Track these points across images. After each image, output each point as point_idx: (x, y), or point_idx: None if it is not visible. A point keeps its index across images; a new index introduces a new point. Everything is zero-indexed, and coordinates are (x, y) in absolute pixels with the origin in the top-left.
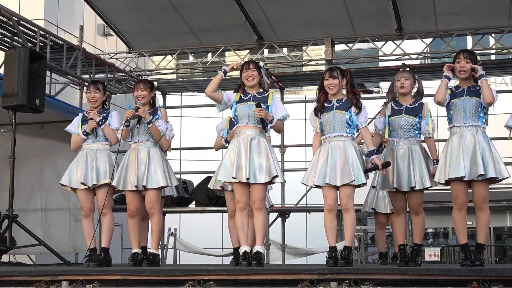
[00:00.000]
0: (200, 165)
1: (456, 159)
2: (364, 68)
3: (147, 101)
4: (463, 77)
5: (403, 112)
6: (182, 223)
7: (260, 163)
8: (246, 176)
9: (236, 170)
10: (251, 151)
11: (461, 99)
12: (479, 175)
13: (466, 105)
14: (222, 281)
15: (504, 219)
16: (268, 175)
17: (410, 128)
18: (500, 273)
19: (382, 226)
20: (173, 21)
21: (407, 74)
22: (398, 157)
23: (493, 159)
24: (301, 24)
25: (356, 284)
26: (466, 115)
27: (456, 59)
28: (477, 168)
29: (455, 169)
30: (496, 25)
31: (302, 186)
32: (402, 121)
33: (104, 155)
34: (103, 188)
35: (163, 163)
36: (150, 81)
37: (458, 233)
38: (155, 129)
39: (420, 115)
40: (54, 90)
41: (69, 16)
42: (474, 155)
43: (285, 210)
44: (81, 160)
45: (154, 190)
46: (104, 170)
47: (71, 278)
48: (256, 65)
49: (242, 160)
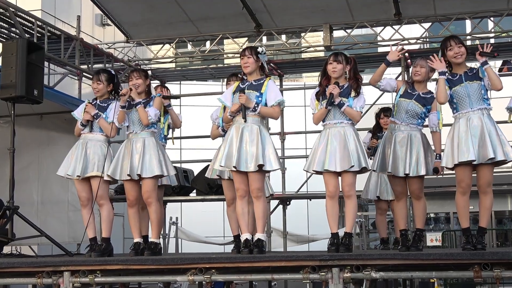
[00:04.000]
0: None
1: (465, 143)
2: (362, 54)
3: (142, 90)
4: (460, 61)
5: (414, 98)
6: (183, 212)
7: (252, 151)
8: (234, 164)
9: (226, 158)
10: (242, 139)
11: (462, 85)
12: (489, 158)
13: (469, 90)
14: (224, 269)
15: (506, 203)
16: (255, 163)
17: (414, 115)
18: (501, 256)
19: (383, 212)
20: (171, 10)
21: (424, 62)
22: (397, 143)
23: (501, 142)
24: (299, 10)
25: (358, 270)
26: (471, 100)
27: (447, 47)
28: (487, 151)
29: (465, 153)
30: (495, 8)
31: (302, 173)
32: (410, 106)
33: (96, 146)
34: (96, 179)
35: (159, 152)
36: (144, 70)
37: (460, 217)
38: (141, 111)
39: (429, 107)
40: (53, 81)
41: (67, 7)
42: (483, 138)
43: (286, 198)
44: (75, 150)
45: (149, 179)
46: (92, 162)
47: (73, 269)
48: (254, 51)
49: (233, 148)
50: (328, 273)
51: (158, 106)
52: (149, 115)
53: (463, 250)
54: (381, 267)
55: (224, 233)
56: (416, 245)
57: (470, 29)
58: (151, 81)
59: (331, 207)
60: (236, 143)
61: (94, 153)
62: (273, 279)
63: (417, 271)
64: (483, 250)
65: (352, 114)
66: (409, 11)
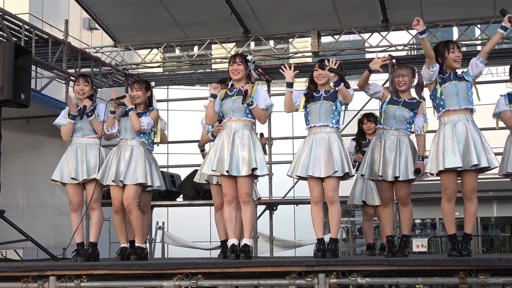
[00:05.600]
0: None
1: (451, 149)
2: (350, 60)
3: (141, 101)
4: (458, 66)
5: (401, 104)
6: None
7: (243, 156)
8: (226, 169)
9: (217, 163)
10: (234, 144)
11: (452, 83)
12: (472, 165)
13: (458, 88)
14: (210, 274)
15: (491, 210)
16: (249, 167)
17: (403, 120)
18: (486, 262)
19: (370, 218)
20: (159, 14)
21: (405, 71)
22: (386, 148)
23: (484, 149)
24: (287, 16)
25: (344, 276)
26: (459, 99)
27: (449, 49)
28: (471, 158)
29: (451, 159)
30: (481, 16)
31: (289, 179)
32: (397, 112)
33: (94, 150)
34: (93, 182)
35: (146, 162)
36: (146, 81)
37: (446, 224)
38: (134, 117)
39: (416, 111)
40: (40, 84)
41: (54, 10)
42: (467, 145)
43: (273, 203)
44: (71, 155)
45: (131, 186)
46: (94, 165)
47: (59, 273)
48: (243, 58)
49: (224, 153)
50: (314, 278)
51: (153, 117)
52: (142, 121)
53: (449, 256)
54: (367, 273)
55: (211, 238)
56: (402, 251)
57: (457, 36)
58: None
59: (316, 213)
60: (228, 147)
61: (95, 157)
62: (259, 284)
63: (403, 277)
64: (469, 257)
65: (345, 94)
66: (396, 18)
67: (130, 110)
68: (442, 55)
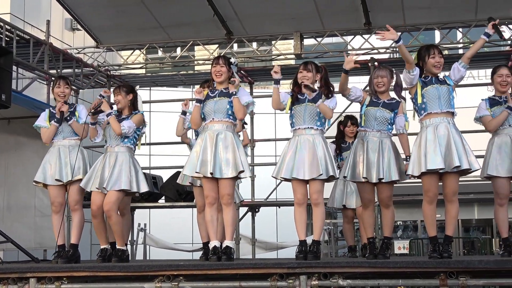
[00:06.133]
0: (170, 160)
1: (433, 151)
2: (333, 62)
3: (123, 106)
4: (438, 72)
5: (380, 105)
6: (152, 218)
7: (227, 158)
8: (210, 171)
9: (201, 165)
10: (217, 145)
11: (434, 86)
12: (454, 166)
13: (439, 92)
14: (192, 276)
15: (472, 212)
16: (235, 169)
17: (384, 121)
18: (467, 265)
19: (350, 220)
20: (142, 15)
21: (384, 72)
22: (369, 149)
23: (465, 151)
24: (270, 18)
25: (325, 278)
26: (441, 102)
27: (429, 54)
28: (453, 160)
29: (433, 161)
30: (463, 20)
31: (271, 181)
32: (378, 113)
33: (77, 151)
34: (76, 183)
35: (131, 168)
36: (127, 85)
37: (428, 226)
38: (112, 121)
39: (396, 111)
40: (21, 85)
41: (36, 11)
42: (449, 147)
43: (255, 205)
44: (54, 157)
45: (113, 192)
46: (78, 166)
47: (39, 275)
48: (226, 60)
49: (208, 155)
50: (296, 280)
51: (135, 121)
52: (123, 125)
53: (430, 258)
54: (349, 275)
55: (193, 240)
56: (384, 253)
57: (439, 39)
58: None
59: (299, 215)
60: (211, 149)
61: (78, 158)
62: (241, 286)
63: (384, 279)
64: (449, 259)
65: (325, 110)
66: (378, 21)
67: (109, 115)
68: (423, 59)
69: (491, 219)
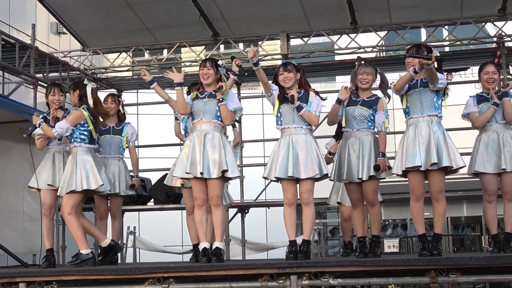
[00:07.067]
0: (158, 163)
1: (412, 150)
2: (319, 62)
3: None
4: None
5: (359, 103)
6: (141, 221)
7: (214, 158)
8: (200, 171)
9: (190, 165)
10: (205, 146)
11: (416, 90)
12: (432, 163)
13: (422, 96)
14: (182, 278)
15: (461, 209)
16: (220, 169)
17: (363, 119)
18: (457, 261)
19: (347, 218)
20: (127, 18)
21: (370, 69)
22: (351, 149)
23: (448, 149)
24: (256, 19)
25: (316, 277)
26: (423, 107)
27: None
28: (431, 157)
29: (411, 159)
30: (449, 17)
31: (261, 181)
32: (356, 111)
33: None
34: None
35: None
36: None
37: (416, 224)
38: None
39: (375, 107)
40: (7, 89)
41: (21, 15)
42: (429, 145)
43: (245, 206)
44: (48, 162)
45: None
46: None
47: (29, 280)
48: (214, 63)
49: (196, 155)
50: (287, 280)
51: (70, 119)
52: (54, 129)
53: (420, 256)
54: (339, 274)
55: (183, 242)
56: (374, 252)
57: (425, 37)
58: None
59: (289, 215)
60: (199, 149)
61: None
62: (232, 287)
63: (375, 278)
64: (439, 256)
65: (310, 118)
66: (365, 20)
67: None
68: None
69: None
